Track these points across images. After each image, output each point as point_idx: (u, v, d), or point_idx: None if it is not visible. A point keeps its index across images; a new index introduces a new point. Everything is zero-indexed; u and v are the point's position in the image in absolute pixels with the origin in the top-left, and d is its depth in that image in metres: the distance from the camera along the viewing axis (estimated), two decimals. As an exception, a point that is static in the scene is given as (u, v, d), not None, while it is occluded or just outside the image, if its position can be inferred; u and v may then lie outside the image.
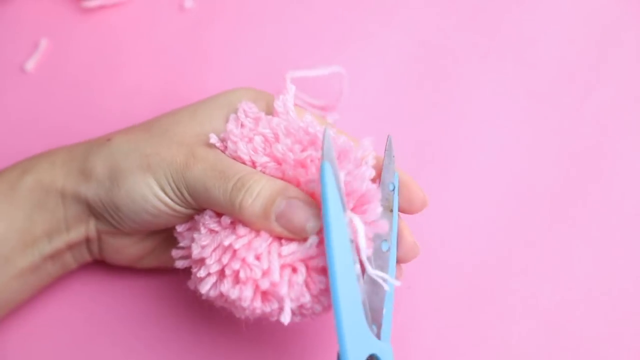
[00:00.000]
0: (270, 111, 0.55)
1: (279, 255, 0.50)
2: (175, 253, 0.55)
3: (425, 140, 0.66)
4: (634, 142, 0.65)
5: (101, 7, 0.70)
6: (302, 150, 0.51)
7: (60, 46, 0.69)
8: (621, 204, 0.63)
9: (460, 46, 0.68)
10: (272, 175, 0.52)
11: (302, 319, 0.52)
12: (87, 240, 0.57)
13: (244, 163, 0.52)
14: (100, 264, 0.61)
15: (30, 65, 0.68)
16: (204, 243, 0.51)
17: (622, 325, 0.60)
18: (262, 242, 0.50)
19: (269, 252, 0.50)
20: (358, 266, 0.49)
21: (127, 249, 0.58)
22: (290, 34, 0.69)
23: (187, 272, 0.54)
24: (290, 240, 0.50)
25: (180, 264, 0.55)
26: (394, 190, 0.53)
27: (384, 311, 0.50)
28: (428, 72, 0.67)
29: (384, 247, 0.51)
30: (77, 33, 0.69)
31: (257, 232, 0.51)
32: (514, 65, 0.67)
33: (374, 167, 0.53)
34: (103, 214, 0.55)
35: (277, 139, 0.52)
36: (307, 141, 0.51)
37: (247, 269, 0.49)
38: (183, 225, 0.55)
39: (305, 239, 0.50)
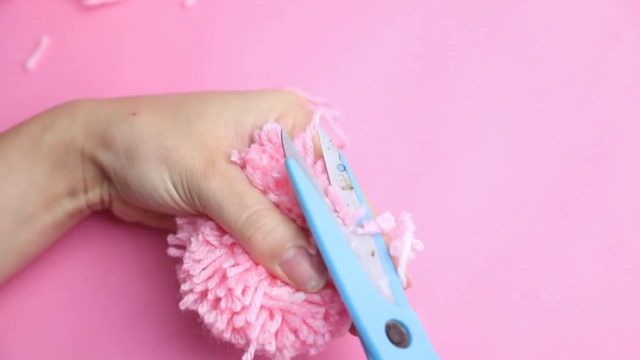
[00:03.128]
0: (294, 130, 0.54)
1: (265, 294, 0.50)
2: (170, 240, 0.55)
3: (426, 138, 0.66)
4: (635, 140, 0.65)
5: (102, 5, 0.70)
6: None
7: (61, 44, 0.69)
8: (622, 202, 0.63)
9: (461, 44, 0.68)
10: (285, 214, 0.51)
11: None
12: (102, 202, 0.57)
13: (257, 189, 0.52)
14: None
15: (32, 63, 0.68)
16: (197, 257, 0.51)
17: (622, 325, 0.60)
18: (255, 277, 0.50)
19: (256, 289, 0.50)
20: (353, 244, 0.48)
21: (134, 214, 0.59)
22: (290, 32, 0.69)
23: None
24: (283, 283, 0.51)
25: (172, 252, 0.55)
26: (345, 170, 0.52)
27: (389, 279, 0.48)
28: (429, 70, 0.67)
29: (358, 222, 0.50)
30: (78, 31, 0.69)
31: (256, 263, 0.51)
32: (514, 64, 0.67)
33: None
34: (114, 182, 0.55)
35: (287, 185, 0.51)
36: None
37: (229, 299, 0.50)
38: (184, 219, 0.55)
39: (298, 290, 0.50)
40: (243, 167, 0.53)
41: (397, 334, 0.46)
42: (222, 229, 0.52)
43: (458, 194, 0.64)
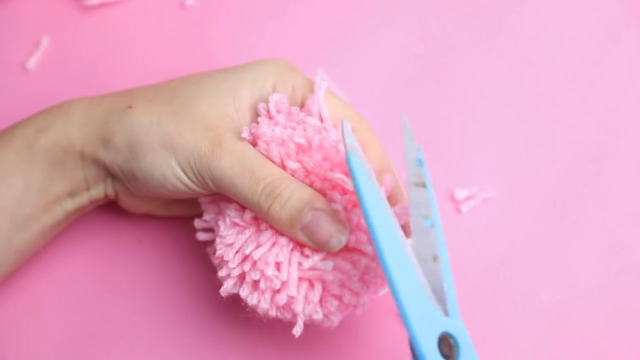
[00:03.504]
0: (295, 94, 0.54)
1: (299, 266, 0.50)
2: (197, 224, 0.56)
3: (426, 138, 0.66)
4: (635, 140, 0.65)
5: (102, 5, 0.70)
6: (331, 169, 0.51)
7: (61, 44, 0.69)
8: (622, 202, 0.63)
9: (461, 44, 0.68)
10: (300, 180, 0.52)
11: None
12: (106, 197, 0.57)
13: (273, 162, 0.52)
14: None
15: (32, 63, 0.68)
16: (228, 241, 0.52)
17: (622, 325, 0.60)
18: (284, 250, 0.51)
19: (289, 263, 0.50)
20: (409, 248, 0.47)
21: (142, 206, 0.59)
22: (291, 31, 0.69)
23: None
24: (312, 250, 0.51)
25: (202, 237, 0.56)
26: (421, 165, 0.51)
27: (445, 287, 0.48)
28: (429, 70, 0.67)
29: (427, 224, 0.49)
30: (79, 31, 0.69)
31: (280, 233, 0.51)
32: (514, 64, 0.67)
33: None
34: (120, 178, 0.55)
35: (310, 149, 0.52)
36: (337, 160, 0.51)
37: (266, 280, 0.50)
38: (206, 198, 0.55)
39: (327, 254, 0.51)
40: (254, 143, 0.53)
41: (447, 347, 0.46)
42: (244, 207, 0.52)
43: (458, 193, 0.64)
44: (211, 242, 0.55)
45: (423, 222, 0.49)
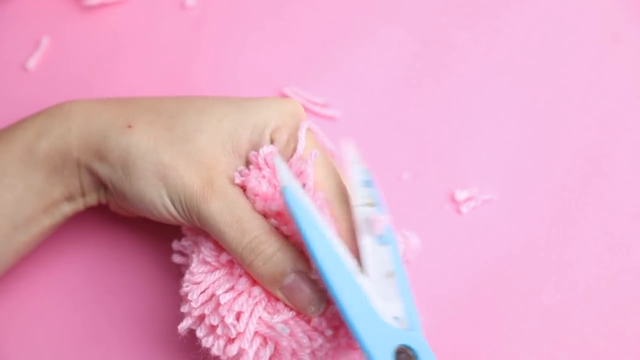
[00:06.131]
0: (288, 145, 0.53)
1: (260, 319, 0.50)
2: (175, 246, 0.56)
3: (426, 138, 0.66)
4: (635, 140, 0.65)
5: (102, 5, 0.70)
6: None
7: (61, 44, 0.69)
8: (622, 202, 0.63)
9: (461, 44, 0.68)
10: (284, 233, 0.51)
11: None
12: (99, 204, 0.58)
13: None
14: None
15: (32, 63, 0.68)
16: (196, 280, 0.52)
17: (622, 325, 0.60)
18: (250, 301, 0.50)
19: (250, 315, 0.50)
20: (356, 264, 0.48)
21: (135, 213, 0.58)
22: (290, 32, 0.69)
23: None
24: (274, 310, 0.51)
25: (177, 260, 0.56)
26: (369, 186, 0.52)
27: (403, 302, 0.49)
28: (429, 70, 0.67)
29: (378, 242, 0.50)
30: (78, 31, 0.69)
31: (254, 282, 0.51)
32: (514, 64, 0.67)
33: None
34: (111, 192, 0.55)
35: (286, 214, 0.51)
36: None
37: (223, 327, 0.50)
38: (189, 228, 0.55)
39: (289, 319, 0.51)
40: (244, 188, 0.52)
41: (406, 359, 0.47)
42: (221, 248, 0.52)
43: (458, 195, 0.64)
44: (185, 266, 0.55)
45: (374, 241, 0.50)
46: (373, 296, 0.48)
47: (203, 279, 0.51)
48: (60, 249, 0.63)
